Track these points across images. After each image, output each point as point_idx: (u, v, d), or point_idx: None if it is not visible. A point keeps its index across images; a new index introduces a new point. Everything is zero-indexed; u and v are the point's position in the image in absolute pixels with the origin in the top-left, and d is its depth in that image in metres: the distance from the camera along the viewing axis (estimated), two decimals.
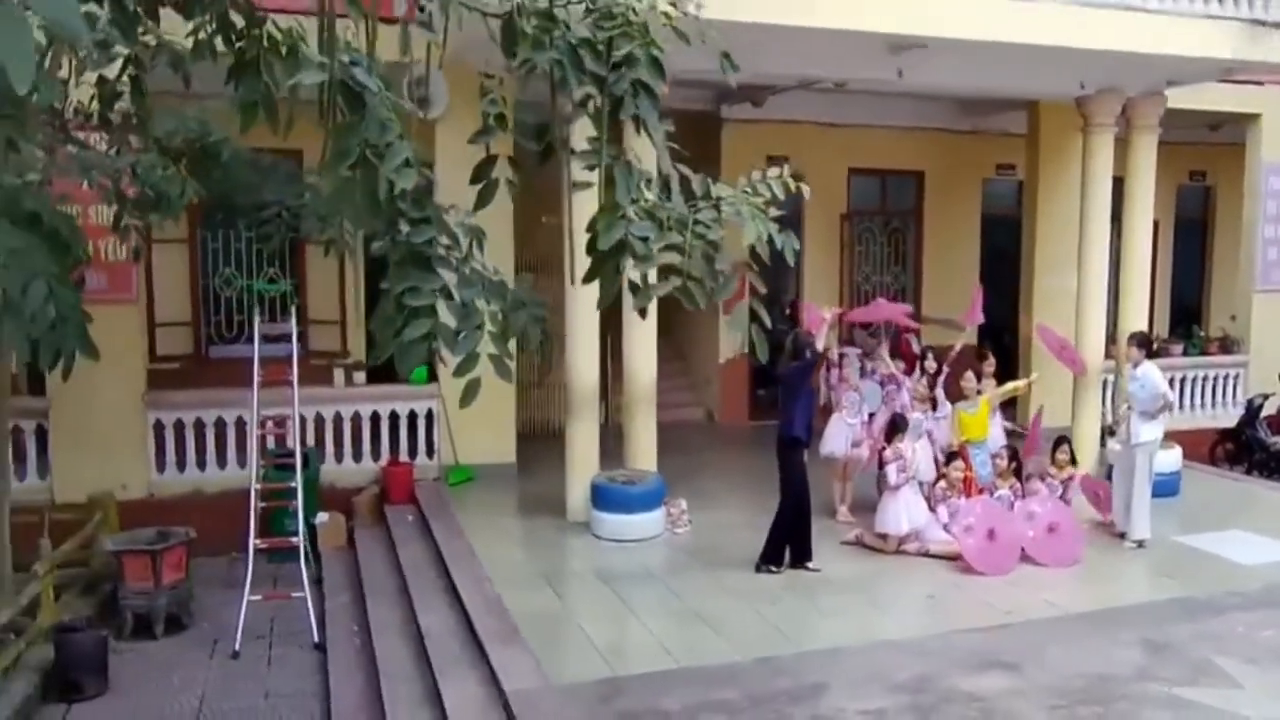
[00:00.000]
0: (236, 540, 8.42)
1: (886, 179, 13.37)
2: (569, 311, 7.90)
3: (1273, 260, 13.15)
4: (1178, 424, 12.42)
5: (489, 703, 5.30)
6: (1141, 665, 5.59)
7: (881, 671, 5.46)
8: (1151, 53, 8.96)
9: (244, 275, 10.58)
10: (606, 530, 7.75)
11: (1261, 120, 12.88)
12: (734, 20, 7.40)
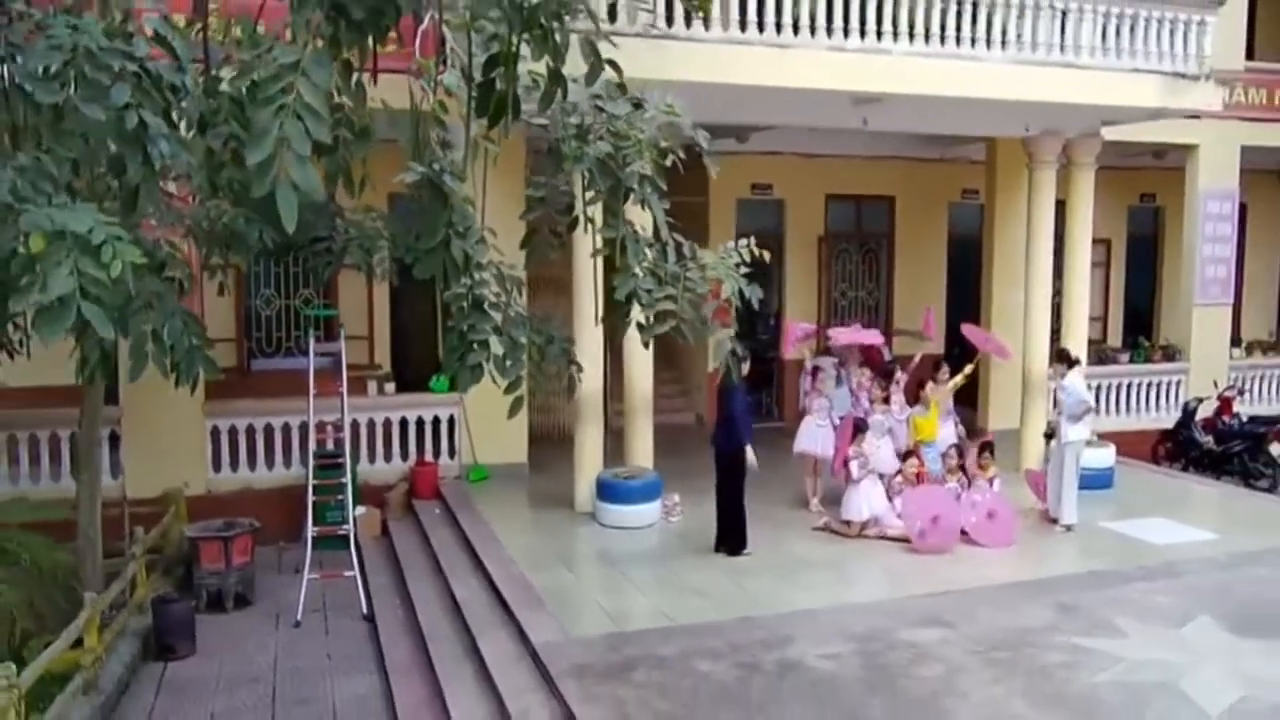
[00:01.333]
0: (284, 531, 9.71)
1: (861, 204, 14.65)
2: (576, 329, 9.14)
3: (1210, 277, 14.44)
4: (1124, 425, 13.81)
5: (519, 653, 6.53)
6: (1052, 622, 6.85)
7: (840, 627, 6.72)
8: (1085, 103, 10.26)
9: (281, 297, 11.84)
10: (610, 519, 9.01)
11: (1199, 150, 14.15)
12: (726, 82, 8.77)
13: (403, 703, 6.49)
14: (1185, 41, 10.56)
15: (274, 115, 2.97)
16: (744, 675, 5.93)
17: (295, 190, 3.00)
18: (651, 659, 6.16)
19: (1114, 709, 5.57)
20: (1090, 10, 10.11)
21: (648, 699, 5.63)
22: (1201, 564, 8.19)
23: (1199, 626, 6.76)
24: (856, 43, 9.20)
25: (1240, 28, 14.26)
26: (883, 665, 6.10)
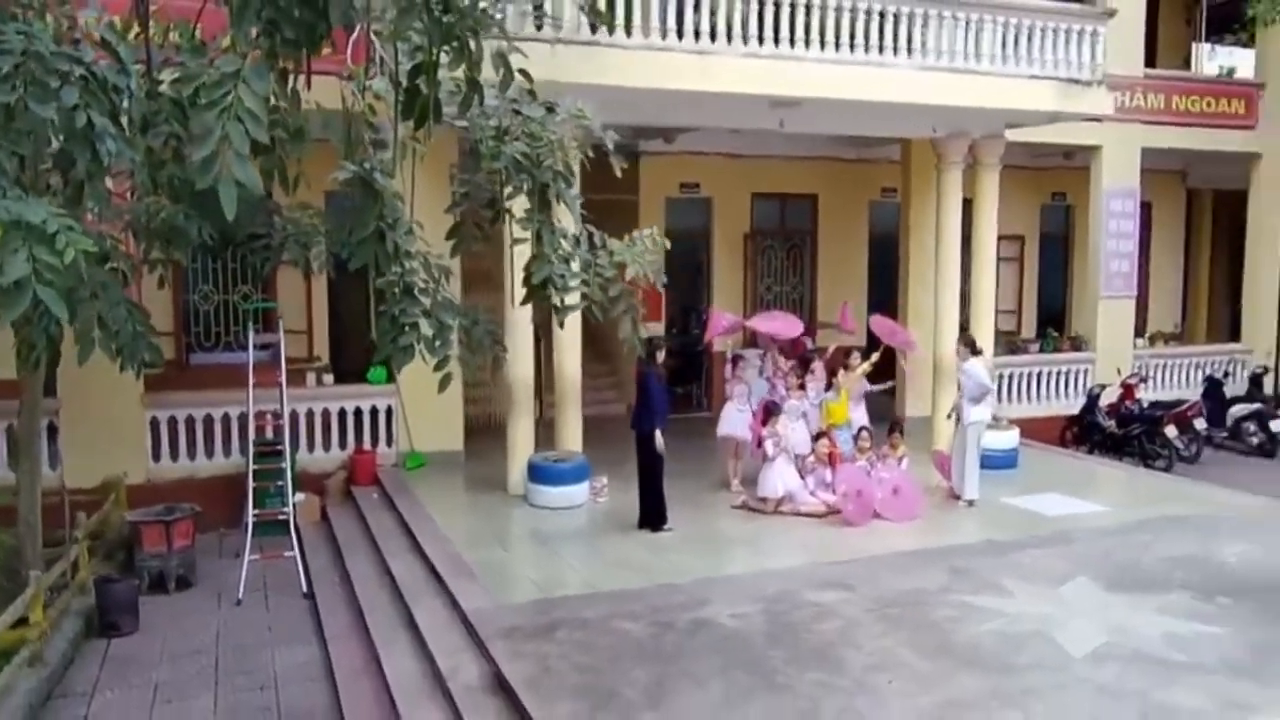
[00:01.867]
0: (225, 519, 10.01)
1: (785, 202, 15.28)
2: (508, 322, 9.56)
3: (1114, 271, 15.33)
4: (1035, 411, 14.61)
5: (452, 620, 6.96)
6: (945, 584, 7.46)
7: (751, 591, 7.25)
8: (987, 107, 10.95)
9: (220, 292, 12.08)
10: (541, 500, 9.47)
11: (1102, 151, 15.01)
12: (650, 86, 9.27)
13: (341, 668, 6.89)
14: (1079, 50, 11.32)
15: (217, 117, 3.39)
16: (659, 633, 6.44)
17: (236, 185, 3.42)
18: (575, 621, 6.64)
19: (990, 654, 6.17)
20: (991, 20, 10.81)
21: (569, 654, 6.10)
22: (1089, 532, 8.90)
23: (1077, 585, 7.42)
24: (772, 50, 9.76)
25: (1139, 37, 15.15)
26: (787, 622, 6.65)
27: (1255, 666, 6.00)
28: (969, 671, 5.93)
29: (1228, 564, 8.00)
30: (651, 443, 8.76)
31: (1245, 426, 14.74)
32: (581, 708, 5.42)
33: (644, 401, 8.91)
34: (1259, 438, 14.55)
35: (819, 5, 9.92)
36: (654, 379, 8.92)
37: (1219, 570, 7.83)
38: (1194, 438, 13.80)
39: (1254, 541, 8.51)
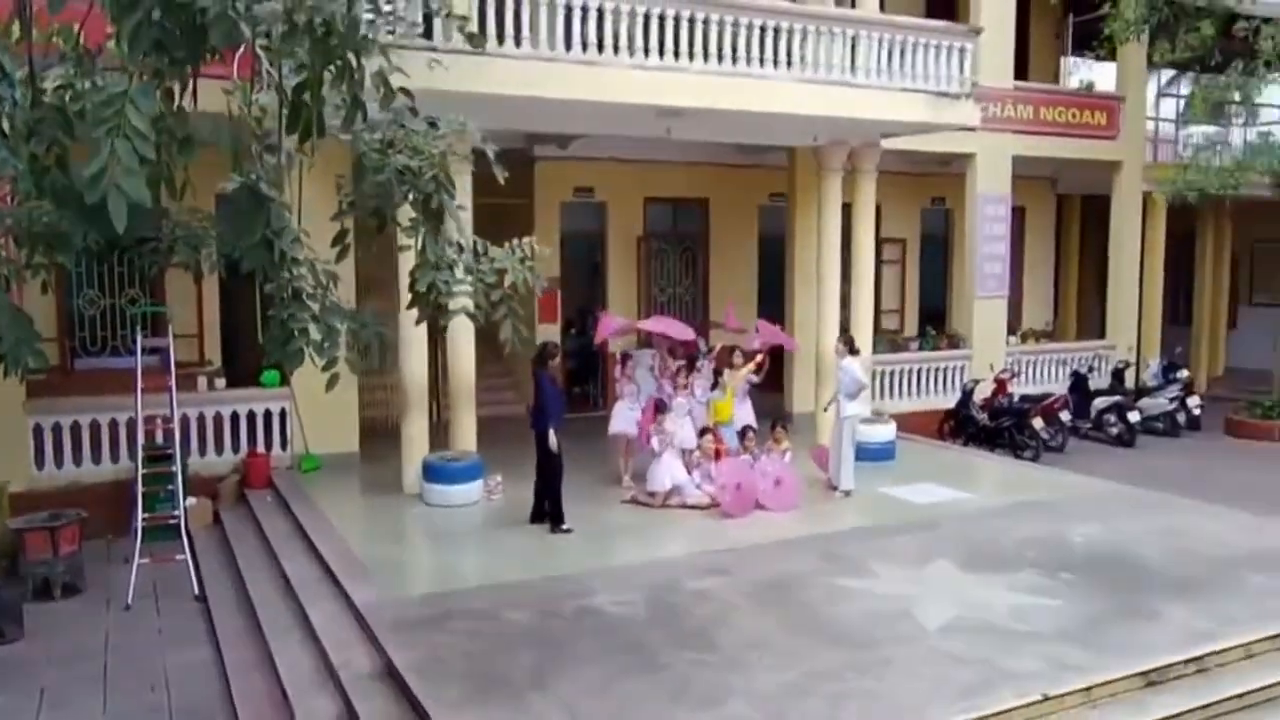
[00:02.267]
0: (113, 525, 9.94)
1: (677, 206, 15.73)
2: (402, 325, 9.75)
3: (988, 273, 16.20)
4: (915, 406, 15.36)
5: (345, 615, 7.15)
6: (817, 567, 7.95)
7: (636, 579, 7.62)
8: (863, 117, 11.54)
9: (107, 296, 11.92)
10: (435, 498, 9.68)
11: (976, 159, 15.86)
12: (540, 95, 9.55)
13: (233, 666, 7.01)
14: (950, 65, 12.00)
15: (106, 135, 3.58)
16: (546, 620, 6.75)
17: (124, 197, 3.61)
18: (465, 611, 6.90)
19: (853, 630, 6.66)
20: (867, 35, 11.40)
21: (459, 643, 6.37)
22: (953, 518, 9.53)
23: (937, 566, 8.00)
24: (657, 61, 10.13)
25: (1009, 52, 16.04)
26: (667, 607, 7.04)
27: (1086, 633, 6.61)
28: (832, 646, 6.40)
29: (1074, 543, 8.70)
30: (543, 442, 9.04)
31: (1106, 418, 15.77)
32: (468, 691, 5.70)
33: (538, 402, 9.19)
34: (1118, 428, 15.59)
35: (702, 19, 10.33)
36: (547, 381, 9.22)
37: (1065, 549, 8.51)
38: (1060, 429, 14.74)
39: (1098, 523, 9.25)
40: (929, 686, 5.82)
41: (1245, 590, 7.51)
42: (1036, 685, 5.81)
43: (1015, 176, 16.76)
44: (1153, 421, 16.15)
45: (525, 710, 5.50)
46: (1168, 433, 16.17)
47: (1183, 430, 16.29)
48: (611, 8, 9.82)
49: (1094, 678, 5.97)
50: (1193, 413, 16.45)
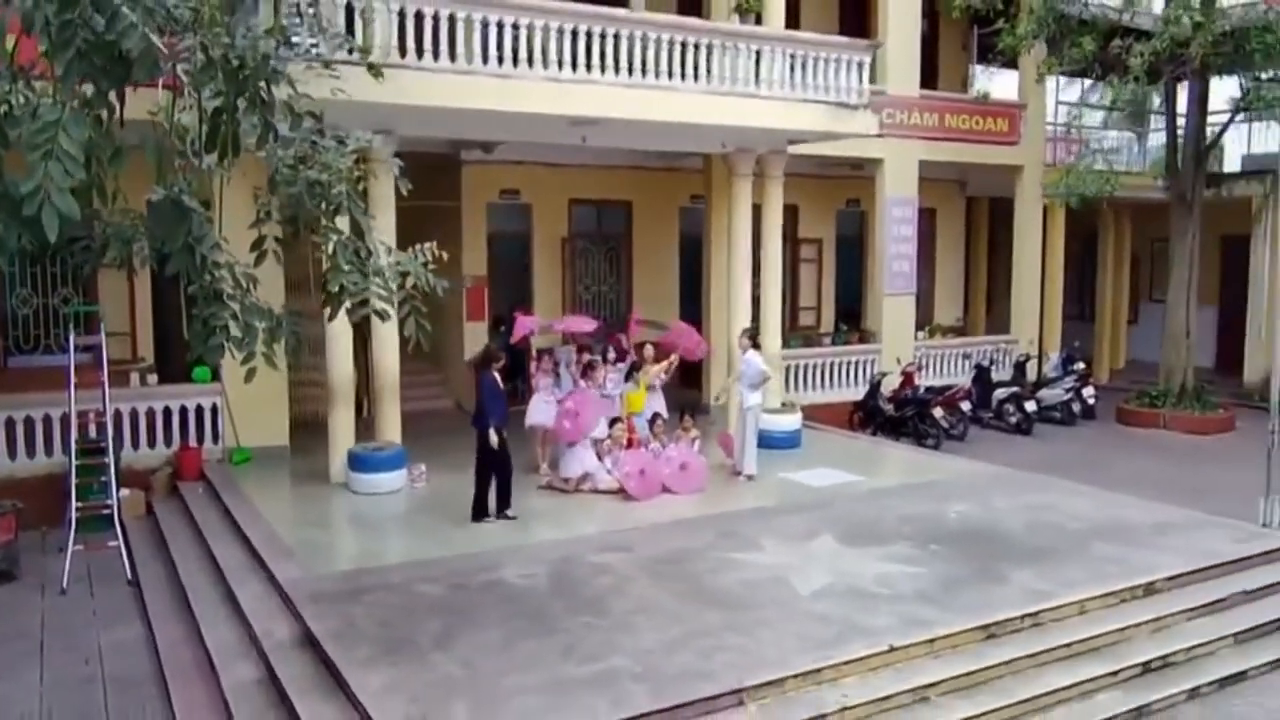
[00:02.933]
0: (48, 517, 10.32)
1: (601, 208, 16.40)
2: (326, 323, 10.27)
3: (896, 271, 17.10)
4: (828, 398, 16.19)
5: (269, 592, 7.70)
6: (711, 543, 8.67)
7: (543, 556, 8.28)
8: (767, 126, 12.30)
9: (40, 296, 12.27)
10: (360, 486, 10.24)
11: (884, 163, 16.74)
12: (458, 106, 10.13)
13: (164, 642, 7.53)
14: (849, 77, 12.80)
15: (41, 159, 4.14)
16: (454, 592, 7.39)
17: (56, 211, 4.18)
18: (380, 585, 7.51)
19: (735, 596, 7.39)
20: (770, 50, 12.15)
21: (372, 612, 6.98)
22: (843, 499, 10.33)
23: (820, 541, 8.77)
24: (570, 74, 10.77)
25: (914, 63, 16.97)
26: (568, 579, 7.71)
27: (941, 596, 7.42)
28: (714, 610, 7.12)
29: (948, 519, 9.54)
30: (484, 437, 9.54)
31: (1006, 408, 16.77)
32: (377, 652, 6.32)
33: (479, 402, 9.70)
34: (1017, 417, 16.59)
35: (613, 34, 10.99)
36: (490, 381, 9.69)
37: (939, 525, 9.34)
38: (961, 418, 15.68)
39: (974, 501, 10.12)
40: (792, 641, 6.56)
41: (1089, 557, 8.39)
42: (887, 639, 6.59)
43: (926, 179, 17.71)
44: (1050, 411, 17.20)
45: (428, 667, 6.14)
46: (1064, 421, 17.22)
47: (1078, 419, 17.35)
48: (526, 24, 10.44)
49: (938, 631, 6.77)
50: (1088, 402, 17.52)
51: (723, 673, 6.08)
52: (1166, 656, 7.17)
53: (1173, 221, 17.21)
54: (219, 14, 5.04)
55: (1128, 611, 7.54)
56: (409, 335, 6.22)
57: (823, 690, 6.13)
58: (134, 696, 6.81)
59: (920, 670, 6.47)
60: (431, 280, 6.24)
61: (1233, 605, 7.92)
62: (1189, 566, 8.22)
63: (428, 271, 6.22)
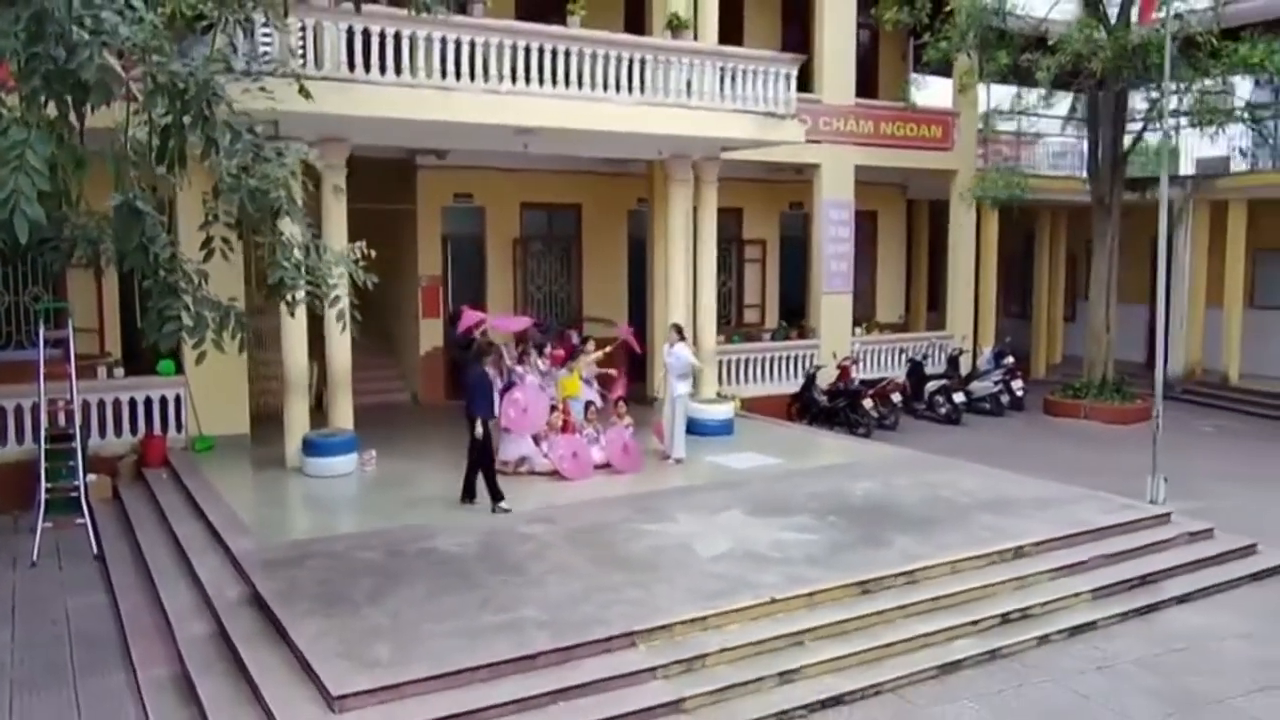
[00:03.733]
0: (17, 503, 11.01)
1: (552, 211, 17.20)
2: (282, 317, 11.05)
3: (834, 270, 18.03)
4: (769, 390, 17.06)
5: (224, 562, 8.47)
6: (629, 517, 9.52)
7: (475, 528, 9.09)
8: (698, 135, 13.17)
9: (10, 294, 12.96)
10: (313, 470, 11.02)
11: (821, 168, 17.67)
12: (402, 117, 10.93)
13: (126, 607, 8.29)
14: (776, 88, 13.67)
15: (11, 173, 4.93)
16: (389, 558, 8.20)
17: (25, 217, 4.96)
18: (323, 553, 8.31)
19: (641, 559, 8.24)
20: (699, 64, 13.00)
21: (314, 575, 7.78)
22: (760, 479, 11.21)
23: (729, 514, 9.63)
24: (509, 86, 11.59)
25: (850, 72, 17.91)
26: (495, 546, 8.53)
27: (826, 558, 8.30)
28: (621, 571, 7.97)
29: (852, 495, 10.42)
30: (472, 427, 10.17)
31: (936, 399, 17.74)
32: (315, 606, 7.12)
33: (468, 395, 10.39)
34: (946, 408, 17.55)
35: (550, 50, 11.81)
36: (476, 376, 10.33)
37: (842, 500, 10.22)
38: (892, 409, 16.62)
39: (880, 481, 11.02)
40: (685, 595, 7.42)
41: (970, 525, 9.30)
42: (771, 593, 7.45)
43: (868, 184, 18.65)
44: (980, 402, 18.18)
45: (359, 618, 6.95)
46: (993, 412, 18.20)
47: (1007, 410, 18.36)
48: (467, 40, 11.24)
49: (818, 586, 7.65)
50: (1016, 394, 18.52)
51: (619, 620, 6.92)
52: (1025, 609, 8.06)
53: (1094, 223, 18.24)
54: (166, 44, 5.85)
55: (995, 571, 8.45)
56: (340, 323, 7.03)
57: (708, 635, 6.99)
58: (97, 651, 7.58)
59: (798, 620, 7.34)
60: (361, 275, 7.05)
61: (1094, 567, 8.84)
62: (1058, 533, 9.14)
63: (358, 268, 7.03)
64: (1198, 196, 20.32)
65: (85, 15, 5.22)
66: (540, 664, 6.42)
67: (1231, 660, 7.52)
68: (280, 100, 7.70)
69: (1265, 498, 12.33)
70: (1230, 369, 20.30)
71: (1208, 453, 15.31)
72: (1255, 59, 14.03)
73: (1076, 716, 6.60)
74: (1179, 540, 9.65)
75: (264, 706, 6.04)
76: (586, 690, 6.31)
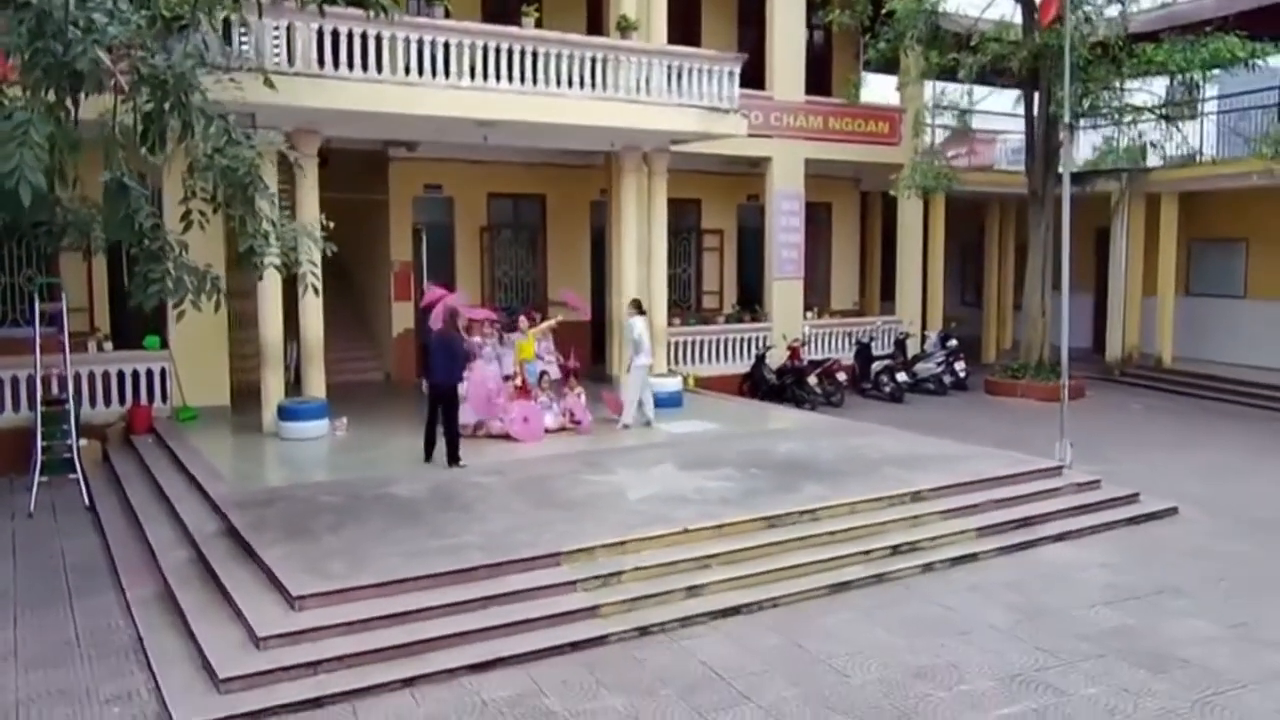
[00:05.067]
0: (11, 467, 11.95)
1: (517, 201, 18.22)
2: (260, 291, 12.05)
3: (785, 258, 19.10)
4: (723, 369, 18.11)
5: (203, 505, 9.47)
6: (573, 469, 10.55)
7: (429, 478, 10.11)
8: (647, 128, 14.19)
9: (6, 275, 13.90)
10: (288, 434, 12.02)
11: (773, 161, 18.73)
12: (370, 110, 11.92)
13: (115, 544, 9.28)
14: (720, 85, 14.70)
15: (16, 148, 5.93)
16: (350, 501, 9.21)
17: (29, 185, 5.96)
18: (290, 497, 9.33)
19: (576, 502, 9.27)
20: (648, 63, 14.02)
21: (281, 513, 8.79)
22: (697, 441, 12.26)
23: (662, 468, 10.67)
24: (468, 82, 12.59)
25: (800, 70, 18.97)
26: (446, 492, 9.55)
27: (740, 500, 9.35)
28: (556, 510, 8.99)
29: (776, 453, 11.47)
30: (433, 391, 11.06)
31: (881, 379, 18.81)
32: (281, 535, 8.13)
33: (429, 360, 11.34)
34: (890, 386, 18.62)
35: (506, 49, 12.82)
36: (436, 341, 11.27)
37: (766, 457, 11.26)
38: (838, 387, 17.67)
39: (804, 442, 12.07)
40: (610, 527, 8.45)
41: (878, 477, 10.35)
42: (684, 524, 8.49)
43: (822, 177, 19.72)
44: (925, 382, 19.27)
45: (319, 544, 7.96)
46: (936, 392, 19.28)
47: (949, 390, 19.43)
48: (429, 39, 12.25)
49: (727, 519, 8.69)
50: (959, 375, 19.61)
51: (547, 545, 7.94)
52: (914, 543, 9.11)
53: (1030, 214, 19.33)
54: (149, 41, 6.86)
55: (891, 511, 9.50)
56: (302, 288, 8.04)
57: (625, 557, 8.02)
58: (89, 579, 8.56)
59: (707, 547, 8.37)
60: (322, 244, 8.06)
61: (984, 510, 9.89)
62: (954, 481, 10.20)
63: (320, 238, 8.04)
64: (1133, 189, 21.43)
65: (79, 16, 6.22)
66: (476, 576, 7.44)
67: (1086, 583, 8.57)
68: (252, 93, 8.72)
69: (1166, 462, 13.42)
70: (1164, 353, 21.42)
71: (1131, 428, 16.40)
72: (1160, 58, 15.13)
73: (940, 623, 7.63)
74: (1066, 490, 10.72)
75: (235, 609, 7.04)
76: (515, 598, 7.32)
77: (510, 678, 6.53)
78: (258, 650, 6.51)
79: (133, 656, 6.90)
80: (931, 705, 6.24)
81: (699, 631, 7.35)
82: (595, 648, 7.00)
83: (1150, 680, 6.62)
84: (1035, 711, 6.17)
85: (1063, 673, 6.73)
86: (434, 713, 6.07)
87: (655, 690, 6.39)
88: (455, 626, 6.90)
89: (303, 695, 6.12)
